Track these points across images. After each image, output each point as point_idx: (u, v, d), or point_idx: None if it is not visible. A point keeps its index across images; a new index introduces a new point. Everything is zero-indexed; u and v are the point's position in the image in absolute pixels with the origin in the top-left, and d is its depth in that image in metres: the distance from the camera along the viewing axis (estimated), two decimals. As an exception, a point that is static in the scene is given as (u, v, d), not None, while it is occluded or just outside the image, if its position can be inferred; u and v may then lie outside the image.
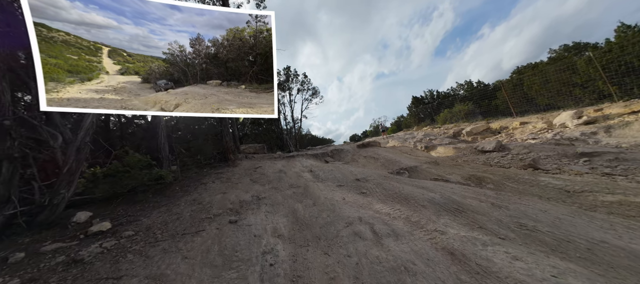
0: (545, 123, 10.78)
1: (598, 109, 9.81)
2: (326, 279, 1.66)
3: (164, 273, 1.68)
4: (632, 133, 7.47)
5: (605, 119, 9.05)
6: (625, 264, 1.51)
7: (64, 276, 1.64)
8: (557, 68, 12.50)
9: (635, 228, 1.98)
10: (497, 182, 4.15)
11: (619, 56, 10.12)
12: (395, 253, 1.82)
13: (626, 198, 2.92)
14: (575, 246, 1.71)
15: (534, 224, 2.04)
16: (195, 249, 2.04)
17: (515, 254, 1.64)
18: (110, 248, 1.99)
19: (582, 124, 9.26)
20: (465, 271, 1.54)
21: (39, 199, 2.52)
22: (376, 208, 2.79)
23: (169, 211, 2.95)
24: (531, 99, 13.57)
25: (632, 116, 8.34)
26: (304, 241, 2.26)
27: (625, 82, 9.75)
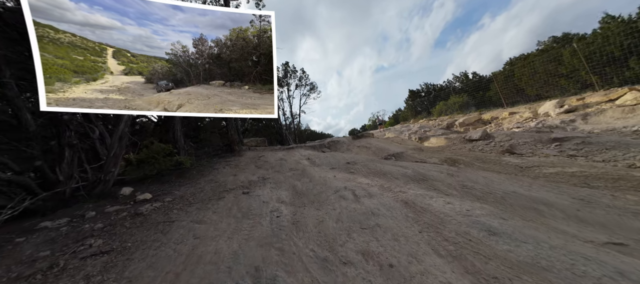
0: (531, 113, 11.37)
1: (580, 98, 10.37)
2: (316, 222, 2.36)
3: (202, 219, 2.38)
4: (605, 119, 8.10)
5: (584, 108, 9.65)
6: (521, 203, 2.19)
7: (132, 222, 2.34)
8: (545, 59, 13.01)
9: (548, 186, 2.66)
10: (467, 162, 4.83)
11: (601, 47, 10.63)
12: (367, 205, 2.51)
13: (563, 170, 3.58)
14: (494, 196, 2.39)
15: (473, 185, 2.73)
16: (221, 208, 2.74)
17: (449, 202, 2.32)
18: (158, 207, 2.69)
19: (563, 113, 9.85)
20: (412, 210, 2.23)
21: (94, 176, 3.21)
22: (359, 181, 3.48)
23: (193, 187, 3.66)
24: (521, 90, 14.13)
25: (608, 103, 8.94)
26: (302, 204, 2.95)
27: (606, 72, 10.30)
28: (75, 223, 2.35)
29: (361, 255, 1.65)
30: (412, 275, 1.39)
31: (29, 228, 2.25)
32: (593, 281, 1.18)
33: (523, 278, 1.26)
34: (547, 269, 1.28)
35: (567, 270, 1.26)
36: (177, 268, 1.57)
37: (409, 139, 11.42)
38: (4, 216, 2.19)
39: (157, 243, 1.91)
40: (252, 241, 1.92)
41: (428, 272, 1.39)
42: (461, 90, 19.39)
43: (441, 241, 1.69)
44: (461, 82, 22.04)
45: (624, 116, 7.06)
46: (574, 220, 1.89)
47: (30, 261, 1.71)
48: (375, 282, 1.37)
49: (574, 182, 2.99)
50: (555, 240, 1.55)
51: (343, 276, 1.46)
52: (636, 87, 8.18)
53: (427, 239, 1.75)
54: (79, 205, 2.89)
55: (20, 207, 2.35)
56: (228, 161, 5.80)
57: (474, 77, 21.24)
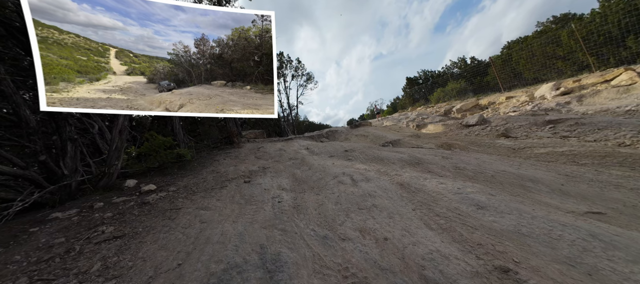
0: (527, 96, 11.42)
1: (576, 80, 10.40)
2: (316, 205, 2.48)
3: (207, 206, 2.49)
4: (600, 101, 8.19)
5: (580, 89, 9.70)
6: (510, 180, 2.31)
7: (141, 211, 2.44)
8: (543, 42, 12.91)
9: (537, 165, 2.78)
10: (462, 146, 4.95)
11: (599, 26, 10.53)
12: (364, 188, 2.63)
13: (553, 150, 3.71)
14: (484, 175, 2.51)
15: (465, 166, 2.84)
16: (224, 196, 2.85)
17: (442, 182, 2.44)
18: (164, 196, 2.79)
19: (559, 95, 9.91)
20: (406, 191, 2.35)
21: (98, 169, 3.29)
22: (357, 167, 3.59)
23: (195, 177, 3.76)
24: (519, 74, 14.11)
25: (603, 84, 8.99)
26: (302, 190, 3.07)
27: (603, 53, 10.28)
28: (85, 213, 2.45)
29: (358, 232, 1.77)
30: (404, 245, 1.51)
31: (41, 218, 2.35)
32: (567, 242, 1.30)
33: (505, 243, 1.38)
34: (527, 235, 1.40)
35: (545, 235, 1.38)
36: (188, 248, 1.68)
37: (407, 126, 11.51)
38: (16, 208, 2.28)
39: (166, 227, 2.03)
40: (256, 224, 2.04)
41: (419, 242, 1.51)
42: (459, 76, 19.29)
43: (433, 216, 1.81)
44: (459, 68, 21.89)
45: (619, 96, 7.15)
46: (558, 193, 2.01)
47: (47, 247, 1.82)
48: (371, 253, 1.49)
49: (563, 161, 3.11)
50: (538, 212, 1.67)
51: (342, 251, 1.58)
52: (631, 67, 8.22)
53: (419, 215, 1.86)
54: (86, 197, 2.98)
55: (30, 199, 2.44)
56: (228, 153, 5.89)
57: (472, 62, 21.08)
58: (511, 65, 14.71)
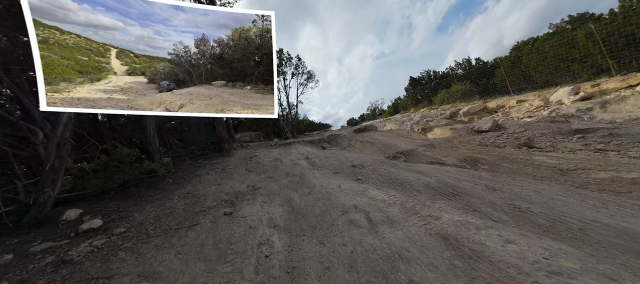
0: (541, 101, 10.72)
1: (595, 85, 9.72)
2: (321, 269, 1.67)
3: (156, 270, 1.66)
4: (627, 108, 7.48)
5: (601, 95, 9.01)
6: (616, 243, 1.52)
7: (53, 278, 1.61)
8: (556, 43, 12.20)
9: (627, 205, 2.00)
10: (492, 163, 4.17)
11: (620, 27, 9.82)
12: (390, 240, 1.82)
13: (618, 175, 2.95)
14: (568, 227, 1.72)
15: (528, 205, 2.05)
16: (189, 244, 2.02)
17: (508, 237, 1.64)
18: (101, 246, 1.95)
19: (578, 100, 9.22)
20: (458, 256, 1.54)
21: (24, 198, 2.43)
22: (371, 195, 2.79)
23: (162, 205, 2.91)
24: (529, 77, 13.40)
25: (628, 90, 8.30)
26: (300, 231, 2.25)
27: (624, 56, 9.59)
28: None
29: None
30: None
31: None
32: None
33: None
34: None
35: None
36: None
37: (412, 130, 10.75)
38: None
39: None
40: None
41: None
42: (464, 77, 18.57)
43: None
44: (464, 68, 21.17)
45: (653, 104, 6.41)
46: None
47: None
48: None
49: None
50: None
51: None
52: (665, 72, 7.49)
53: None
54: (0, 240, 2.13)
55: None
56: (214, 164, 5.03)
57: (477, 63, 20.37)
58: (521, 67, 14.00)
